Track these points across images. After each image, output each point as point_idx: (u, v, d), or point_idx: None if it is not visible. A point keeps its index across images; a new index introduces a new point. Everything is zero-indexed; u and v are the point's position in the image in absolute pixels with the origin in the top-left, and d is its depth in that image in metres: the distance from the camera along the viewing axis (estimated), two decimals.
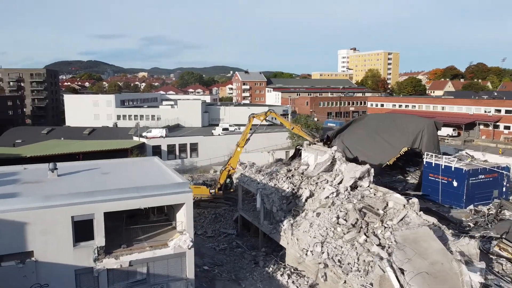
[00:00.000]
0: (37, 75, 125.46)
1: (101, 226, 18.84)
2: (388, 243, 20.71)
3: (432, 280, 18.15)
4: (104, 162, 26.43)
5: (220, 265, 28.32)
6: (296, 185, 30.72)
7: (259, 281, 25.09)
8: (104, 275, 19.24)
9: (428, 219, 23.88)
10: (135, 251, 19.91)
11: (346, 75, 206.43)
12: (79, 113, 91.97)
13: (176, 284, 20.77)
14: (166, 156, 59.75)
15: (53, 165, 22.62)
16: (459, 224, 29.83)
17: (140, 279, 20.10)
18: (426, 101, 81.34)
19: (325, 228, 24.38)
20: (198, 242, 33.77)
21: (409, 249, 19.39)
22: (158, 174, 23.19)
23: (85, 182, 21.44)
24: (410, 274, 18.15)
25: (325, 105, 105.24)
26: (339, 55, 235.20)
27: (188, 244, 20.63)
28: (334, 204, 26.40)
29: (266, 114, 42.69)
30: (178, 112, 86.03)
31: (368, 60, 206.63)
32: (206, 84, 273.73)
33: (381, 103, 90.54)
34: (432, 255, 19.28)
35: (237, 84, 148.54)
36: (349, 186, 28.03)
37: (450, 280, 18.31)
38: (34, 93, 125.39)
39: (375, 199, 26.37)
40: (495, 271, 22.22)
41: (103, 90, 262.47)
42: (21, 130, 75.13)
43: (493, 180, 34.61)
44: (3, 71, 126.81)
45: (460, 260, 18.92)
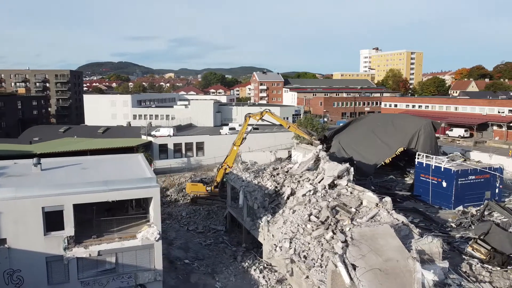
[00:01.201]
0: (61, 76, 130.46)
1: (70, 217, 20.04)
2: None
3: (384, 276, 18.39)
4: (89, 158, 27.81)
5: (201, 259, 29.21)
6: (280, 183, 31.25)
7: (233, 275, 25.82)
8: (74, 263, 20.45)
9: (399, 217, 23.96)
10: (104, 241, 21.04)
11: (368, 75, 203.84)
12: (97, 112, 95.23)
13: (144, 274, 21.76)
14: (173, 154, 61.24)
15: (37, 160, 24.09)
16: (441, 225, 29.63)
17: (109, 268, 21.20)
18: (439, 102, 79.67)
19: (296, 225, 24.83)
20: (187, 237, 34.97)
21: (365, 246, 19.66)
22: (133, 170, 24.28)
23: (63, 176, 22.78)
24: (361, 270, 18.44)
25: (339, 105, 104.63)
26: (361, 55, 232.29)
27: (155, 236, 21.58)
28: (310, 201, 26.79)
29: (261, 114, 43.33)
30: (191, 112, 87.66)
31: (390, 60, 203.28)
32: (229, 84, 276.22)
33: (395, 103, 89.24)
34: (388, 252, 19.48)
35: (254, 84, 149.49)
36: (328, 184, 28.32)
37: (402, 277, 18.48)
38: (59, 93, 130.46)
39: (350, 198, 26.61)
40: (462, 271, 22.11)
41: (128, 90, 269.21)
42: (40, 129, 78.56)
43: (485, 181, 34.03)
44: (30, 73, 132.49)
45: (415, 258, 19.03)
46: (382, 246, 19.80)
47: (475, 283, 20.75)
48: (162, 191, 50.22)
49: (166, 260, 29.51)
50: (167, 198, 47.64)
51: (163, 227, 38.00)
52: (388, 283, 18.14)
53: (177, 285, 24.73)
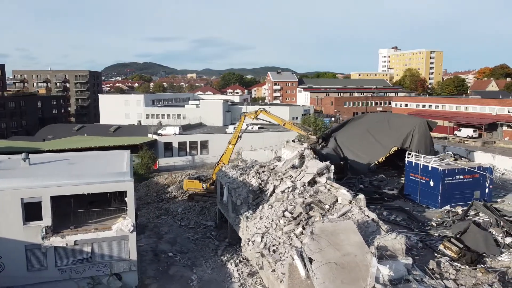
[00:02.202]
0: (80, 77, 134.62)
1: (47, 208, 21.34)
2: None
3: (339, 269, 18.84)
4: (78, 154, 29.23)
5: (185, 252, 30.21)
6: (264, 180, 31.91)
7: (211, 268, 26.68)
8: (52, 252, 21.75)
9: (370, 214, 24.30)
10: (80, 232, 22.27)
11: (386, 75, 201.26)
12: (112, 112, 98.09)
13: (119, 264, 22.89)
14: (177, 152, 62.77)
15: (25, 155, 25.61)
16: (422, 223, 29.65)
17: (85, 257, 22.42)
18: (449, 101, 78.27)
19: (270, 220, 25.48)
20: (178, 232, 36.03)
21: (325, 240, 20.14)
22: (114, 165, 25.42)
23: (46, 170, 24.14)
24: (318, 263, 18.95)
25: (351, 105, 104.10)
26: (380, 54, 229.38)
27: (129, 228, 22.68)
28: (288, 198, 27.37)
29: (256, 113, 44.02)
30: (201, 111, 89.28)
31: (409, 59, 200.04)
32: (248, 84, 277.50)
33: (405, 103, 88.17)
34: (347, 247, 19.91)
35: (269, 84, 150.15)
36: (307, 181, 28.81)
37: (358, 271, 18.89)
38: (78, 93, 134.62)
39: (327, 195, 27.03)
40: (428, 268, 22.26)
41: (149, 90, 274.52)
42: (56, 127, 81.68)
43: (474, 181, 33.71)
44: (51, 73, 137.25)
45: (372, 253, 19.41)
46: (342, 241, 20.24)
47: (438, 280, 20.89)
48: (164, 188, 51.69)
49: (152, 252, 30.79)
50: (167, 195, 49.00)
51: (157, 222, 39.58)
52: (342, 276, 18.59)
53: (156, 276, 25.76)
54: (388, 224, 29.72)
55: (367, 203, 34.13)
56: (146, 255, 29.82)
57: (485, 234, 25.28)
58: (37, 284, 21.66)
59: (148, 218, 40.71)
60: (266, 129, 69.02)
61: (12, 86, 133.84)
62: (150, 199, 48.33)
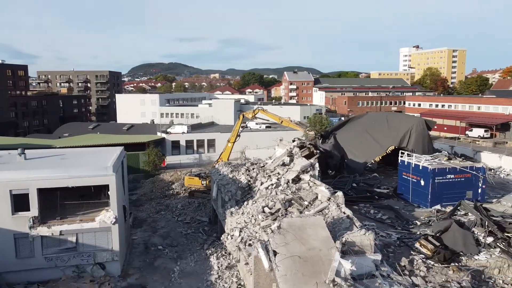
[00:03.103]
0: (101, 77, 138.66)
1: (34, 199, 22.75)
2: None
3: (302, 263, 19.38)
4: (73, 150, 30.71)
5: (174, 246, 31.27)
6: (253, 177, 32.61)
7: (194, 261, 27.61)
8: (39, 241, 23.16)
9: (346, 211, 24.68)
10: (65, 222, 23.61)
11: (407, 74, 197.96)
12: (128, 111, 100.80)
13: (102, 254, 24.13)
14: (185, 150, 64.15)
15: (21, 150, 27.19)
16: (406, 222, 29.71)
17: (70, 247, 23.75)
18: (462, 101, 76.65)
19: (251, 216, 26.16)
20: (173, 227, 37.15)
21: (291, 235, 20.70)
22: (101, 160, 26.65)
23: (38, 164, 25.60)
24: (281, 256, 19.56)
25: (364, 105, 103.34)
26: (401, 53, 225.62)
27: (112, 220, 23.85)
28: (271, 194, 27.99)
29: (254, 112, 44.80)
30: (213, 111, 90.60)
31: (431, 58, 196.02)
32: (268, 84, 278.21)
33: (418, 103, 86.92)
34: (313, 242, 20.41)
35: (285, 84, 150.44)
36: (291, 178, 29.34)
37: (321, 265, 19.36)
38: (98, 93, 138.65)
39: (308, 192, 27.49)
40: (400, 265, 22.48)
41: (171, 90, 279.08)
42: (73, 125, 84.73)
43: (466, 181, 33.41)
44: (73, 73, 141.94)
45: (337, 248, 19.86)
46: (309, 235, 20.76)
47: (406, 276, 21.11)
48: (168, 185, 53.06)
49: (143, 245, 32.00)
50: (170, 191, 50.32)
51: (156, 217, 40.83)
52: (304, 269, 19.12)
53: (141, 267, 26.88)
54: (373, 222, 30.14)
55: (358, 202, 34.63)
56: (137, 248, 31.08)
57: (465, 233, 25.21)
58: (25, 271, 23.09)
59: (148, 213, 42.02)
60: (273, 128, 69.62)
61: (37, 86, 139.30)
62: (154, 195, 49.70)
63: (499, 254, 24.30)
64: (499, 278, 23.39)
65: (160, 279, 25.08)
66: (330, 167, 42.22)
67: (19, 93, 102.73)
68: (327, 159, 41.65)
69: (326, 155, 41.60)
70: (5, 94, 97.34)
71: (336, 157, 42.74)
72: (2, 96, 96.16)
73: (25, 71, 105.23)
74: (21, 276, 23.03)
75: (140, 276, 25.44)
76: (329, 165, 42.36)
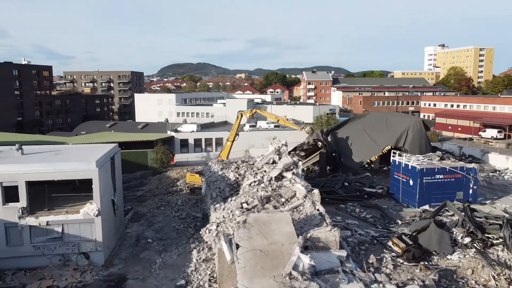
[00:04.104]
0: (123, 77, 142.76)
1: (23, 191, 24.38)
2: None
3: (263, 256, 20.07)
4: (69, 146, 32.41)
5: (164, 239, 32.47)
6: (241, 174, 33.47)
7: (177, 254, 28.66)
8: (27, 230, 24.79)
9: (320, 208, 25.18)
10: (52, 213, 25.16)
11: (432, 74, 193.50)
12: (146, 110, 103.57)
13: (86, 244, 25.55)
14: (193, 149, 65.65)
15: (18, 145, 29.01)
16: (388, 221, 29.81)
17: (56, 236, 25.28)
18: (477, 101, 74.67)
19: (230, 211, 27.05)
20: (168, 222, 38.41)
21: (256, 229, 21.40)
22: (90, 156, 28.08)
23: (34, 159, 27.22)
24: (243, 249, 20.31)
25: (380, 105, 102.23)
26: (426, 52, 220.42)
27: (95, 212, 25.22)
28: (252, 191, 28.76)
29: (251, 111, 45.62)
30: (227, 110, 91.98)
31: (456, 57, 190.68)
32: (290, 84, 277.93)
33: (434, 103, 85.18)
34: (276, 236, 21.06)
35: (304, 84, 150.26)
36: (274, 176, 30.00)
37: (281, 259, 19.98)
38: (121, 93, 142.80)
39: (288, 189, 28.10)
40: (367, 262, 22.78)
41: (194, 90, 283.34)
42: (91, 124, 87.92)
43: (456, 181, 33.09)
44: (97, 74, 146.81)
45: (298, 243, 20.42)
46: (273, 230, 21.41)
47: (370, 273, 21.40)
48: (173, 182, 54.58)
49: (135, 238, 33.39)
50: (174, 188, 51.78)
51: (156, 213, 42.25)
52: (264, 262, 19.80)
53: (127, 258, 28.17)
54: (356, 221, 30.41)
55: (347, 200, 34.87)
56: (129, 240, 32.45)
57: (442, 233, 25.17)
58: (15, 258, 24.78)
59: (149, 209, 43.47)
60: (282, 128, 70.05)
61: (64, 86, 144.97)
62: (158, 192, 51.23)
63: (473, 254, 24.17)
64: (472, 278, 23.33)
65: (141, 269, 26.24)
66: (328, 164, 42.56)
67: (43, 92, 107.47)
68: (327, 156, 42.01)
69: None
70: (30, 93, 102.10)
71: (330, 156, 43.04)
72: (28, 95, 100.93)
73: (50, 71, 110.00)
74: (11, 262, 24.70)
75: (123, 266, 26.71)
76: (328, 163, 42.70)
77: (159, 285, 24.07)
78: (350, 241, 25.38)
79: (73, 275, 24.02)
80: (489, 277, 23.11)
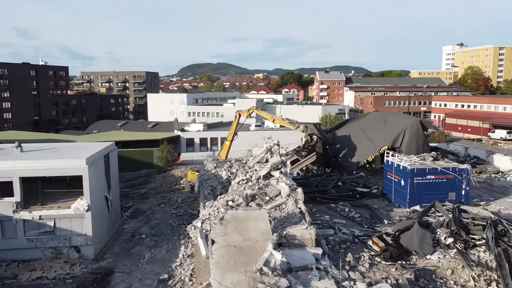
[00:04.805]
0: (138, 77, 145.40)
1: (17, 187, 25.64)
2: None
3: (237, 252, 20.62)
4: (67, 144, 33.68)
5: (157, 235, 33.42)
6: (233, 173, 34.12)
7: (167, 249, 29.55)
8: (21, 224, 26.05)
9: (302, 207, 25.57)
10: (44, 208, 26.35)
11: (450, 73, 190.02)
12: (158, 109, 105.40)
13: (77, 238, 26.66)
14: (199, 148, 66.65)
15: (18, 143, 30.39)
16: (375, 220, 29.91)
17: (49, 230, 26.46)
18: (487, 101, 73.22)
19: (216, 209, 27.70)
20: (165, 218, 39.35)
21: (232, 226, 21.97)
22: (83, 154, 29.18)
23: (28, 156, 28.55)
24: (218, 245, 20.92)
25: (391, 105, 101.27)
26: (444, 51, 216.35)
27: (85, 207, 26.29)
28: (239, 189, 29.34)
29: (248, 111, 46.23)
30: (236, 110, 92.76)
31: (475, 57, 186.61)
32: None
33: (444, 103, 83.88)
34: (251, 233, 21.57)
35: (316, 84, 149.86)
36: (263, 175, 30.50)
37: (255, 255, 20.48)
38: (136, 92, 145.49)
39: (273, 188, 28.57)
40: (344, 260, 23.05)
41: (211, 89, 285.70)
42: (103, 123, 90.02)
43: (448, 182, 32.84)
44: (113, 74, 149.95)
45: (272, 240, 20.90)
46: (249, 227, 21.93)
47: (344, 271, 21.69)
48: (177, 180, 55.68)
49: (130, 234, 34.45)
50: (177, 186, 52.86)
51: (155, 210, 43.31)
52: (237, 258, 20.35)
53: (118, 252, 29.20)
54: (343, 220, 30.61)
55: (338, 200, 35.05)
56: (124, 236, 33.54)
57: (424, 233, 25.16)
58: (10, 250, 26.06)
59: (150, 206, 44.58)
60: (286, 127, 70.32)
61: (81, 86, 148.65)
62: (162, 189, 52.37)
63: (453, 255, 24.13)
64: (451, 279, 23.33)
65: (129, 263, 27.21)
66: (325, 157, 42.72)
67: (60, 92, 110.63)
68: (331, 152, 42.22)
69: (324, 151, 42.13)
70: (47, 93, 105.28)
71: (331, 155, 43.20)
72: (45, 95, 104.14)
73: (66, 72, 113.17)
74: (7, 254, 25.99)
75: (113, 260, 27.72)
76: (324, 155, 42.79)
77: (143, 279, 24.94)
78: (331, 239, 25.65)
79: (62, 267, 25.13)
80: (469, 277, 23.08)
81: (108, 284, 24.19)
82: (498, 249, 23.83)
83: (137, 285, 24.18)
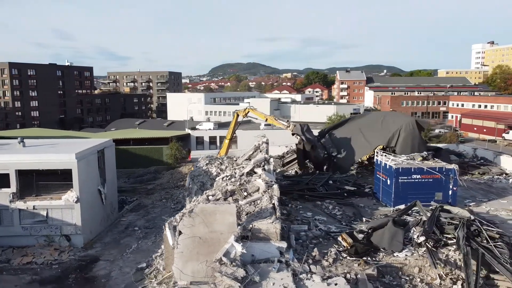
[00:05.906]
0: (161, 77, 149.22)
1: (13, 178, 27.82)
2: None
3: (201, 243, 21.77)
4: (65, 140, 35.92)
5: (150, 228, 35.08)
6: (223, 170, 35.28)
7: (153, 241, 31.05)
8: (17, 213, 28.23)
9: (275, 203, 26.39)
10: (38, 199, 28.43)
11: (479, 72, 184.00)
12: (177, 108, 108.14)
13: (67, 227, 28.60)
14: (208, 146, 68.38)
15: (21, 139, 32.74)
16: (354, 218, 30.29)
17: (42, 219, 28.53)
18: (504, 101, 70.88)
19: (196, 203, 28.93)
20: (163, 213, 41.04)
21: (200, 218, 23.11)
22: (76, 149, 31.07)
23: (26, 151, 30.73)
24: (184, 236, 22.14)
25: (409, 104, 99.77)
26: (473, 50, 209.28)
27: (74, 199, 28.17)
28: (222, 185, 30.48)
29: (245, 111, 47.36)
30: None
31: (506, 55, 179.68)
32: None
33: (462, 103, 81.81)
34: (217, 226, 22.62)
35: (337, 83, 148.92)
36: (246, 172, 31.49)
37: (218, 246, 21.57)
38: (159, 92, 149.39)
39: (254, 184, 29.51)
40: (310, 254, 23.73)
41: (236, 89, 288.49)
42: (122, 121, 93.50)
43: (435, 182, 32.70)
44: (138, 74, 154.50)
45: (235, 232, 21.92)
46: (216, 220, 22.99)
47: (306, 264, 22.39)
48: (184, 177, 57.49)
49: (125, 226, 36.28)
50: (181, 182, 54.66)
51: (157, 204, 45.17)
52: (201, 249, 21.52)
53: (109, 242, 30.99)
54: (325, 217, 31.19)
55: (325, 198, 35.58)
56: (119, 227, 35.40)
57: (396, 231, 25.46)
58: (7, 237, 28.30)
59: (153, 201, 46.57)
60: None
61: (107, 86, 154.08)
62: (168, 185, 54.39)
63: (422, 253, 24.33)
64: (418, 276, 23.60)
65: (115, 253, 28.88)
66: (319, 164, 43.22)
67: (85, 91, 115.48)
68: (315, 154, 42.63)
69: (316, 151, 42.59)
70: (72, 92, 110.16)
71: (326, 154, 43.61)
72: (70, 94, 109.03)
73: (91, 72, 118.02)
74: (4, 241, 28.24)
75: (101, 249, 29.51)
76: (320, 163, 43.34)
77: (123, 267, 26.52)
78: (303, 235, 26.35)
79: (51, 254, 27.09)
80: (436, 276, 23.29)
81: (91, 271, 25.91)
82: (467, 249, 23.89)
83: (116, 272, 25.78)
